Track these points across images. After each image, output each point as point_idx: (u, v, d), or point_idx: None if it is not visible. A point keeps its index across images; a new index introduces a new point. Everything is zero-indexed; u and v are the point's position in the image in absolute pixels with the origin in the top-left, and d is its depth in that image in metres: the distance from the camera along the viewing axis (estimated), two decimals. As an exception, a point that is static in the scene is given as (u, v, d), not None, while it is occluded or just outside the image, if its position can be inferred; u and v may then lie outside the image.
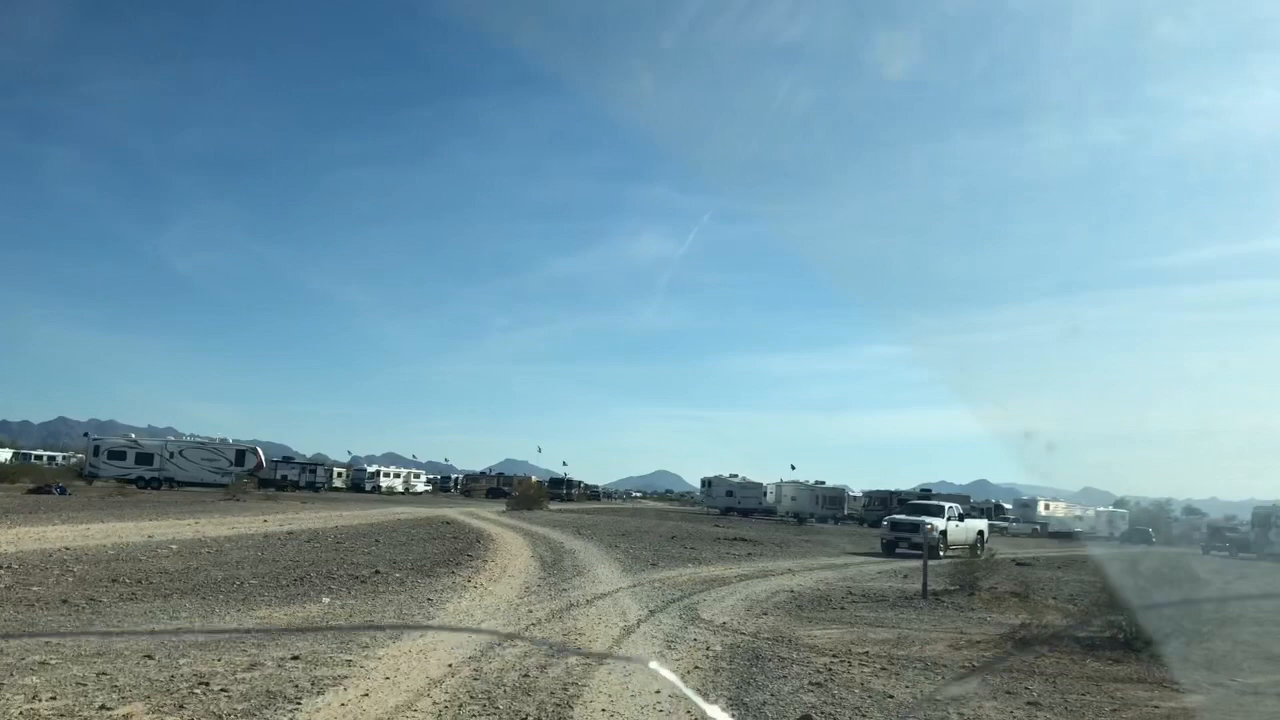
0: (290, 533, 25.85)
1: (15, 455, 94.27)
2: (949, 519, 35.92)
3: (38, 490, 47.37)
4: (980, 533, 37.74)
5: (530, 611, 13.59)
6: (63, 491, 47.30)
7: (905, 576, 24.61)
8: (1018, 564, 30.80)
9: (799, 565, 26.64)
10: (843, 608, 16.76)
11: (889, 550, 35.14)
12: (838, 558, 31.92)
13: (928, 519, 33.65)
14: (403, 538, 26.53)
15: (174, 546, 19.46)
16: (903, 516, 37.34)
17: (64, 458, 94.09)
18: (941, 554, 31.22)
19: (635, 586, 17.90)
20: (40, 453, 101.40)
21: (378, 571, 16.96)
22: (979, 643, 12.99)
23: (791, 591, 19.09)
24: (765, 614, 15.17)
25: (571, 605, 14.50)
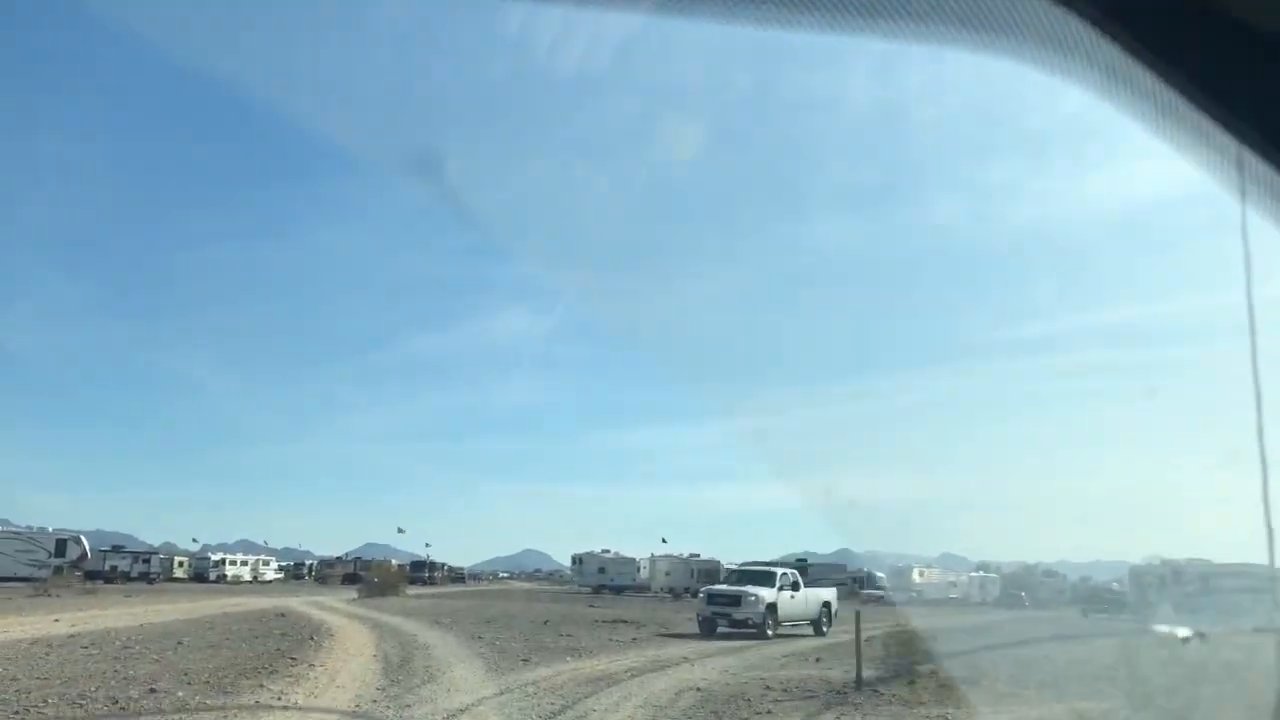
0: (72, 635, 20.81)
1: None
2: (780, 588, 29.64)
3: None
4: (826, 604, 32.14)
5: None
6: None
7: (818, 660, 21.22)
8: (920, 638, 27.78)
9: (692, 651, 22.97)
10: (770, 711, 13.18)
11: (707, 630, 28.70)
12: (731, 640, 28.33)
13: (751, 589, 28.92)
14: (217, 637, 21.76)
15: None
16: (722, 588, 31.19)
17: None
18: (769, 633, 27.98)
19: (503, 694, 13.97)
20: None
21: (153, 690, 12.55)
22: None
23: (698, 690, 15.42)
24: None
25: (414, 732, 10.54)
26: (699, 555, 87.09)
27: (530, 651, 20.85)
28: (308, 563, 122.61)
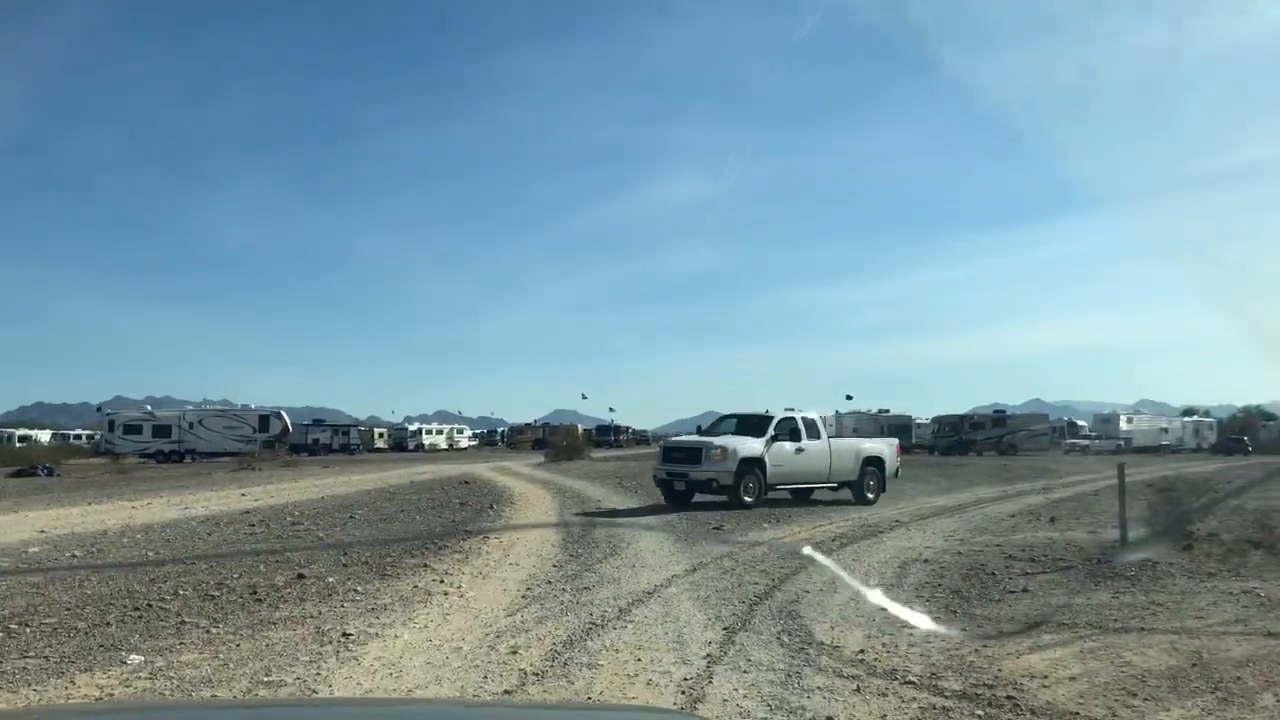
0: (248, 511, 20.16)
1: (55, 436, 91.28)
2: (772, 438, 21.34)
3: (19, 473, 42.44)
4: (873, 460, 23.40)
5: (514, 652, 7.68)
6: (50, 472, 42.40)
7: (1053, 520, 18.45)
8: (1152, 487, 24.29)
9: (904, 513, 20.54)
10: (1025, 589, 10.66)
11: (668, 495, 21.83)
12: (938, 497, 25.69)
13: (718, 440, 21.19)
14: (394, 508, 20.76)
15: (35, 549, 13.81)
16: (680, 439, 23.64)
17: (89, 436, 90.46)
18: (747, 499, 20.48)
19: (696, 570, 11.96)
20: (80, 432, 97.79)
21: (301, 576, 11.10)
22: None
23: (925, 561, 13.04)
24: (914, 614, 9.16)
25: (592, 626, 8.58)
26: (887, 411, 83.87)
27: (722, 519, 18.92)
28: (500, 430, 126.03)
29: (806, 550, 13.68)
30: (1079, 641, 8.06)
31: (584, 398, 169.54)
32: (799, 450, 21.72)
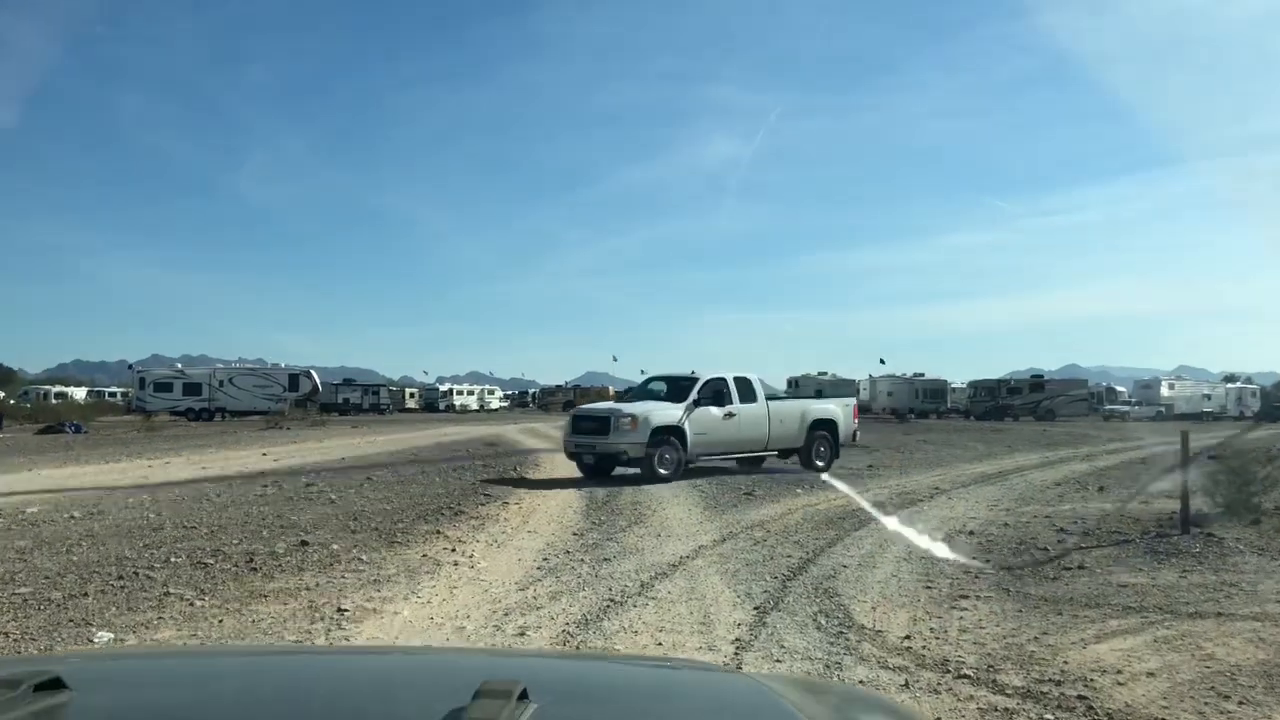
0: (264, 471, 19.64)
1: (90, 393, 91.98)
2: (694, 403, 18.98)
3: (48, 429, 42.40)
4: (824, 424, 21.30)
5: (522, 633, 6.95)
6: (78, 429, 42.29)
7: (1101, 489, 17.56)
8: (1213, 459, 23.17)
9: (943, 479, 19.69)
10: (1082, 566, 9.80)
11: (583, 468, 19.45)
12: (978, 463, 24.75)
13: (629, 408, 19.07)
14: (415, 470, 20.14)
15: (34, 509, 13.26)
16: (590, 407, 21.51)
17: (123, 394, 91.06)
18: (663, 472, 18.17)
19: (723, 541, 11.21)
20: (115, 390, 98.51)
21: (304, 543, 10.44)
22: None
23: (970, 533, 12.21)
24: (960, 594, 8.37)
25: (610, 603, 7.85)
26: (922, 375, 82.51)
27: (754, 483, 18.15)
28: (530, 391, 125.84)
29: (845, 517, 12.90)
30: (1150, 629, 7.23)
31: (614, 360, 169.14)
32: (729, 415, 19.55)
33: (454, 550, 10.35)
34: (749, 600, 8.03)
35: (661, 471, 18.22)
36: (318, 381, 69.98)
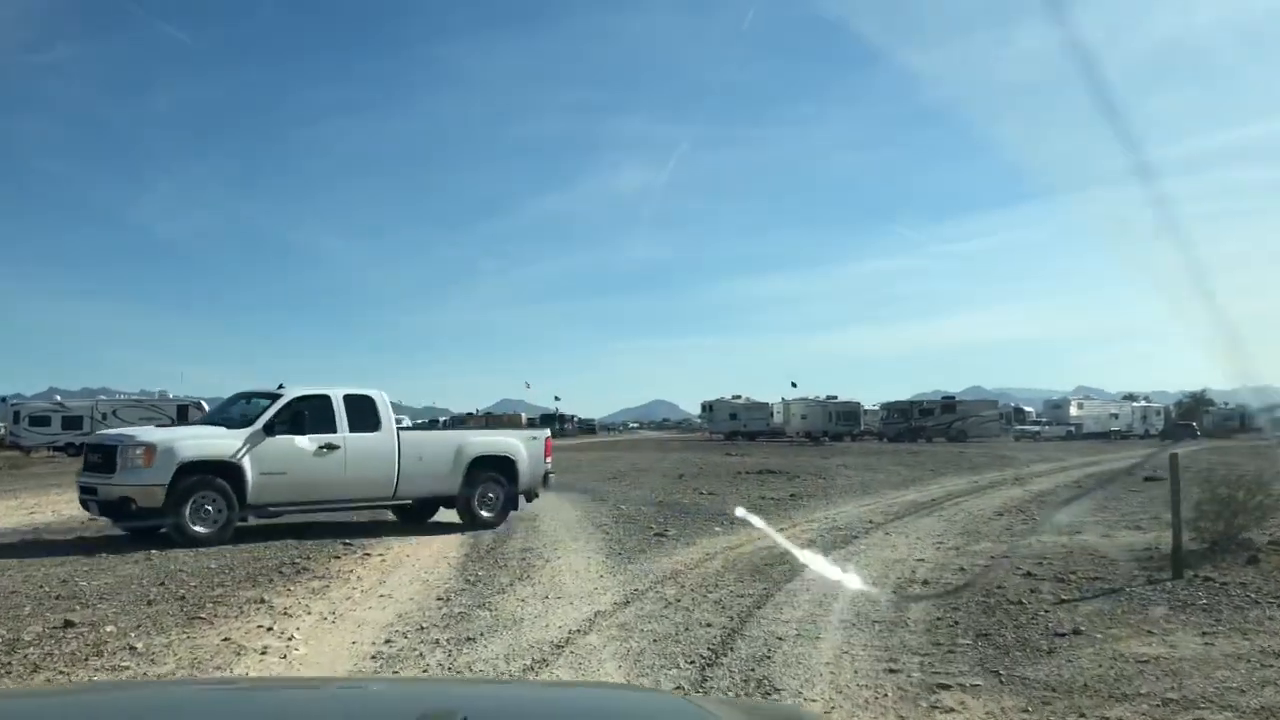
0: (91, 519, 16.73)
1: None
2: (263, 430, 13.28)
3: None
4: (492, 463, 15.10)
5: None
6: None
7: (1072, 529, 15.75)
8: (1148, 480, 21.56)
9: (874, 510, 17.73)
10: (1077, 630, 7.70)
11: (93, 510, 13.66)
12: (906, 489, 22.89)
13: (142, 437, 13.22)
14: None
15: None
16: (101, 434, 16.53)
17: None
18: (200, 531, 12.51)
19: (627, 604, 8.91)
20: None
21: (68, 623, 7.85)
22: None
23: (924, 583, 10.14)
24: (938, 682, 6.24)
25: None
26: (835, 398, 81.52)
27: (666, 518, 15.94)
28: (442, 419, 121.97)
29: (774, 563, 10.70)
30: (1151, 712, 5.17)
31: (528, 386, 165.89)
32: (326, 448, 13.69)
33: (271, 628, 7.86)
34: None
35: (197, 530, 12.55)
36: (207, 411, 66.03)
